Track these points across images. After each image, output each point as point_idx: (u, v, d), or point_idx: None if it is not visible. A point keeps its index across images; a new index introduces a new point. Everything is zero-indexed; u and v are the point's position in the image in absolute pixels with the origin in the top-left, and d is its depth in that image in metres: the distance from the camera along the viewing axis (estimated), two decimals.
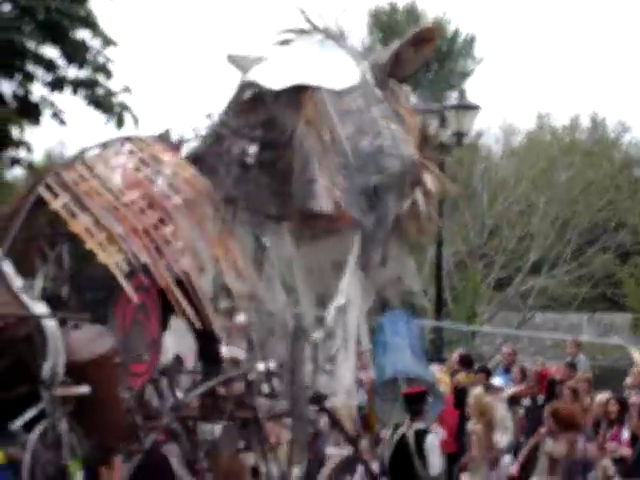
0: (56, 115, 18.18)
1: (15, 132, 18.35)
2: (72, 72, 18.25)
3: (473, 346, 21.62)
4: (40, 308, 6.67)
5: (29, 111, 18.01)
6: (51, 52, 18.10)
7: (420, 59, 8.29)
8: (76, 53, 18.12)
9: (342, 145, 7.75)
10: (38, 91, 18.17)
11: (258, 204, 7.87)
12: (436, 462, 9.79)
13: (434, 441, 9.85)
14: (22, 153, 19.16)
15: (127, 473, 6.99)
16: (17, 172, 23.39)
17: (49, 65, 18.12)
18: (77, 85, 18.16)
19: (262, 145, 7.95)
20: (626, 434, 10.62)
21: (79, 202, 6.95)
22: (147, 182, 7.29)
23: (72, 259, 7.07)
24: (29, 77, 18.07)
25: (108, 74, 18.43)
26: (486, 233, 27.67)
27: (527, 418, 12.71)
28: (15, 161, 19.69)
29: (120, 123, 18.23)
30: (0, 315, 6.51)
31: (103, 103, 18.21)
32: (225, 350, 8.48)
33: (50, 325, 6.57)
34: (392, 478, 9.85)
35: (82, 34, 18.21)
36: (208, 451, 7.53)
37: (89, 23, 18.03)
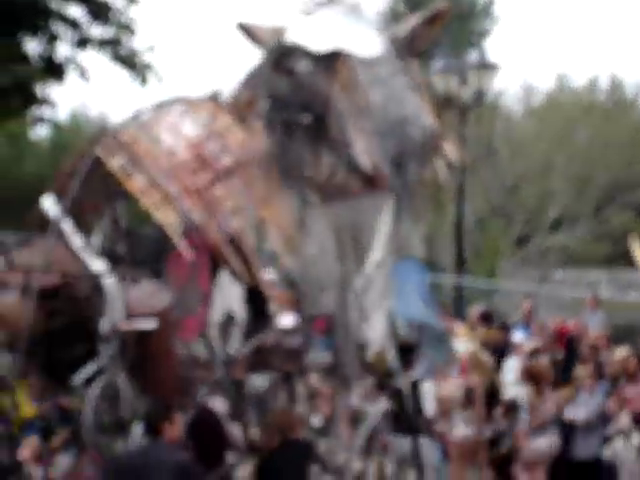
0: (82, 74, 18.35)
1: (39, 90, 18.50)
2: (96, 31, 18.44)
3: (493, 303, 21.65)
4: (99, 265, 6.89)
5: (54, 70, 18.16)
6: (75, 11, 18.26)
7: (432, 36, 8.48)
8: (100, 12, 18.24)
9: (373, 111, 7.93)
10: (63, 50, 18.33)
11: (293, 165, 8.02)
12: (430, 406, 10.30)
13: (428, 388, 10.36)
14: (47, 111, 19.38)
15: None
16: (42, 131, 23.58)
17: (73, 24, 18.25)
18: (101, 44, 18.32)
19: (294, 108, 8.08)
20: None
21: (135, 163, 7.09)
22: (199, 143, 7.39)
23: (128, 217, 7.29)
24: (53, 36, 18.20)
25: (132, 32, 18.58)
26: (506, 191, 27.72)
27: None
28: (39, 119, 19.89)
29: (144, 81, 18.40)
30: (60, 274, 6.75)
31: (127, 61, 18.37)
32: None
33: (109, 282, 6.79)
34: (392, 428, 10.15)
35: None
36: (258, 404, 7.70)
37: None
